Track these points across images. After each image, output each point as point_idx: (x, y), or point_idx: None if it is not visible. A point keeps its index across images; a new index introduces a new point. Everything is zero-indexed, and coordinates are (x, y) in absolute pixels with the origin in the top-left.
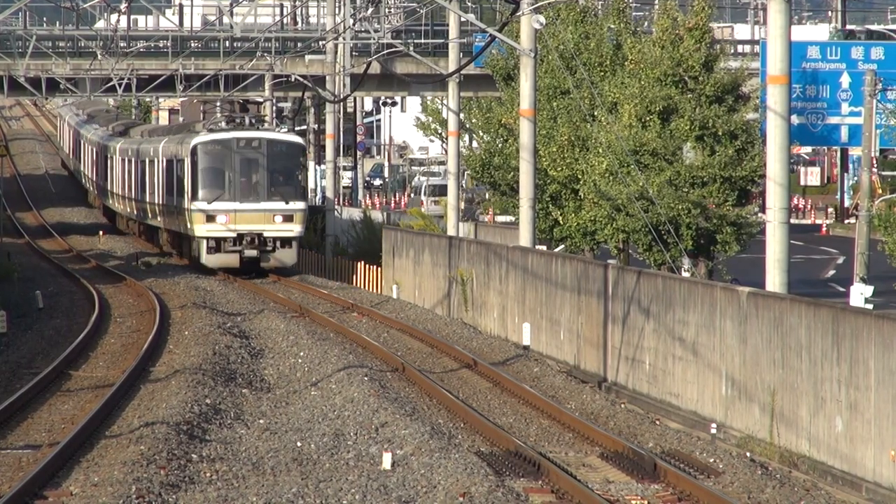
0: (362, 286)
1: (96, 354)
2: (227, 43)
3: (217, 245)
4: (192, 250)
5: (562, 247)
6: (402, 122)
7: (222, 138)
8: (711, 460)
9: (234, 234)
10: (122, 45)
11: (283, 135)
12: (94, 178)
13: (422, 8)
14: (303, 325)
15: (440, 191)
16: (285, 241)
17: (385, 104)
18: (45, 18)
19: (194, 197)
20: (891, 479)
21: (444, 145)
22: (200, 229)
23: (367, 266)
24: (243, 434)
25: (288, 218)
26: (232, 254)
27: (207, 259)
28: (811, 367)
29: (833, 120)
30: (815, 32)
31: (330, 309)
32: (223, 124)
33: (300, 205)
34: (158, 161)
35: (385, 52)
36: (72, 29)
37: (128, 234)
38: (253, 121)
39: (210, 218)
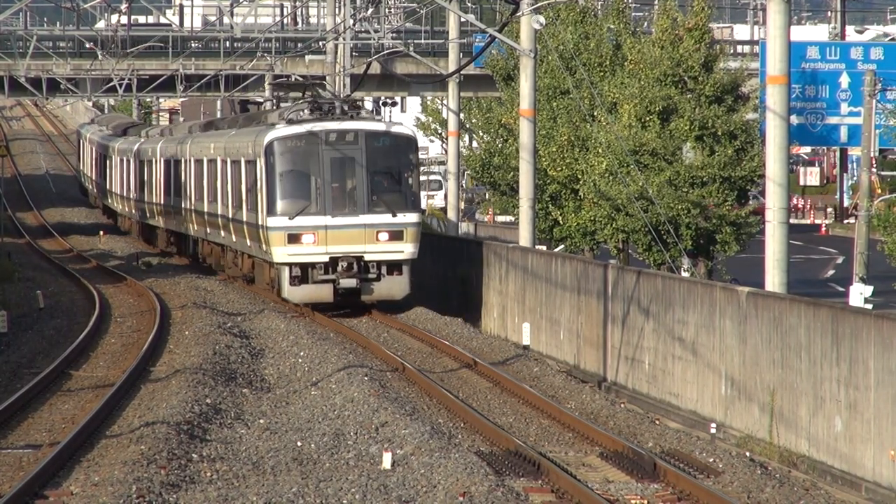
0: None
1: (97, 354)
2: (228, 43)
3: (303, 273)
4: (268, 279)
5: (561, 247)
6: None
7: (307, 132)
8: (711, 460)
9: (325, 259)
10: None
11: (388, 125)
12: (127, 192)
13: (422, 8)
14: (303, 325)
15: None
16: (393, 266)
17: (385, 104)
18: (45, 19)
19: (271, 210)
20: (890, 479)
21: (444, 145)
22: (280, 253)
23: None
24: (243, 434)
25: (396, 235)
26: (323, 284)
27: (291, 293)
28: (811, 367)
29: (832, 120)
30: (814, 32)
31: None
32: (306, 113)
33: (412, 217)
34: (222, 164)
35: (385, 52)
36: (72, 29)
37: (171, 252)
38: (346, 108)
39: (293, 238)
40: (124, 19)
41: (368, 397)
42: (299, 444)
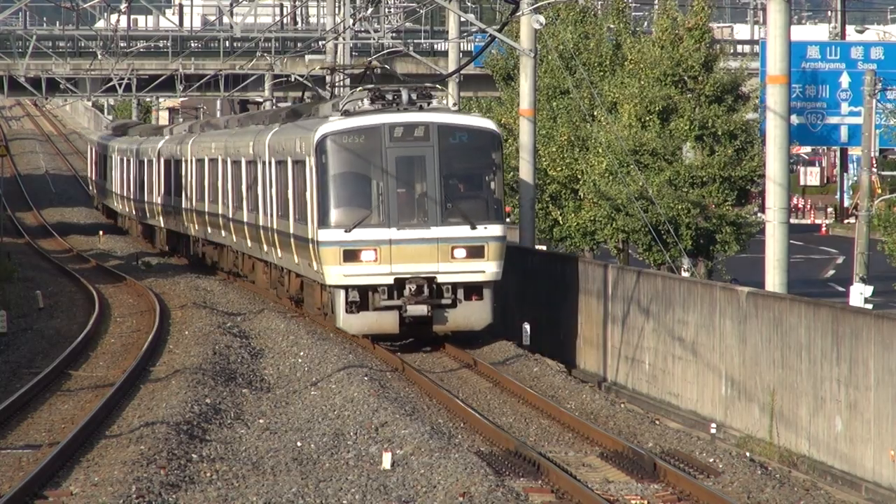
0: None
1: (96, 354)
2: (227, 43)
3: (362, 298)
4: (319, 303)
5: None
6: None
7: (367, 126)
8: (711, 460)
9: (388, 280)
10: (122, 45)
11: (465, 117)
12: (161, 199)
13: (422, 8)
14: (303, 325)
15: None
16: (472, 290)
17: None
18: (45, 18)
19: (323, 221)
20: (890, 479)
21: None
22: (334, 273)
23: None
24: (243, 434)
25: (475, 251)
26: (387, 312)
27: (347, 322)
28: (811, 367)
29: (833, 120)
30: (814, 32)
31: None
32: (365, 103)
33: (496, 229)
34: (263, 166)
35: (385, 51)
36: (72, 29)
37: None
38: (414, 97)
39: (350, 255)
40: (124, 19)
41: (368, 397)
42: (299, 444)
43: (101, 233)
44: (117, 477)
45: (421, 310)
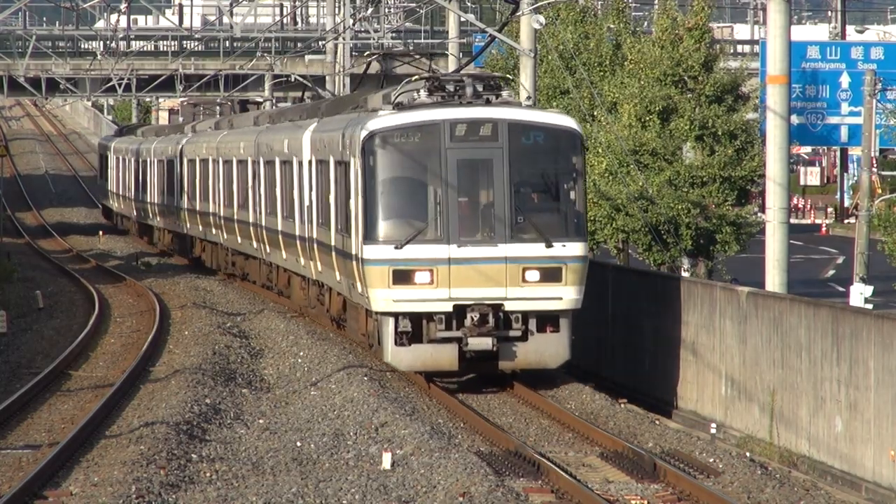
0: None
1: (96, 354)
2: (227, 43)
3: (414, 328)
4: (364, 330)
5: None
6: None
7: (424, 121)
8: (711, 460)
9: (446, 307)
10: (122, 45)
11: (541, 113)
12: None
13: (421, 8)
14: (303, 325)
15: None
16: (547, 320)
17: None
18: (44, 18)
19: (369, 234)
20: (890, 479)
21: None
22: (382, 297)
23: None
24: (243, 434)
25: (552, 274)
26: (444, 345)
27: (397, 356)
28: (811, 367)
29: (833, 120)
30: (814, 32)
31: None
32: (422, 94)
33: (576, 247)
34: (299, 167)
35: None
36: (72, 29)
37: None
38: (480, 88)
39: (401, 276)
40: (124, 19)
41: (368, 397)
42: (299, 444)
43: (100, 233)
44: (117, 477)
45: (485, 343)
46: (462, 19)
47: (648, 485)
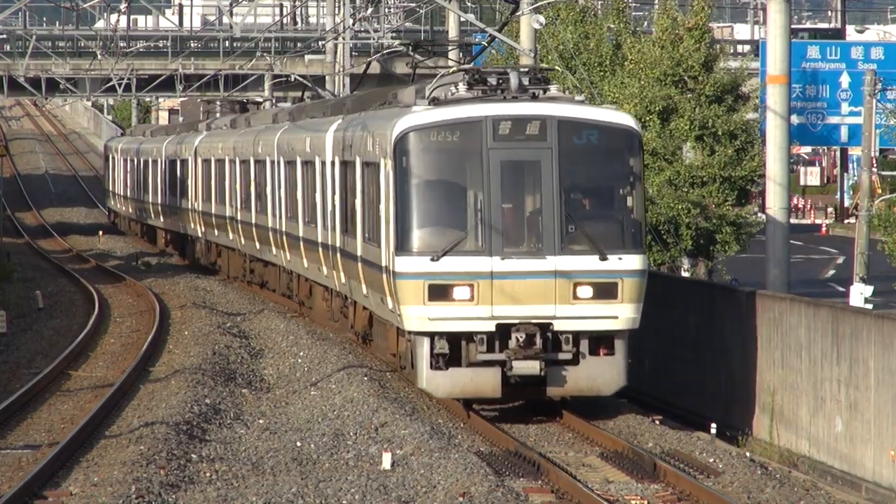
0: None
1: (96, 354)
2: (227, 43)
3: (452, 349)
4: (394, 349)
5: None
6: None
7: (462, 118)
8: (711, 460)
9: (488, 327)
10: (121, 45)
11: (595, 110)
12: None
13: (421, 8)
14: (303, 325)
15: None
16: (601, 341)
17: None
18: (44, 18)
19: (402, 244)
20: (890, 479)
21: None
22: (416, 315)
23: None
24: (243, 434)
25: (607, 290)
26: (486, 369)
27: (433, 380)
28: (811, 367)
29: (833, 120)
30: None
31: None
32: (460, 88)
33: (633, 260)
34: (322, 168)
35: (385, 51)
36: (71, 29)
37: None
38: (526, 81)
39: (438, 291)
40: (123, 19)
41: (368, 397)
42: (299, 444)
43: (100, 233)
44: (117, 477)
45: (531, 367)
46: (462, 19)
47: (648, 485)
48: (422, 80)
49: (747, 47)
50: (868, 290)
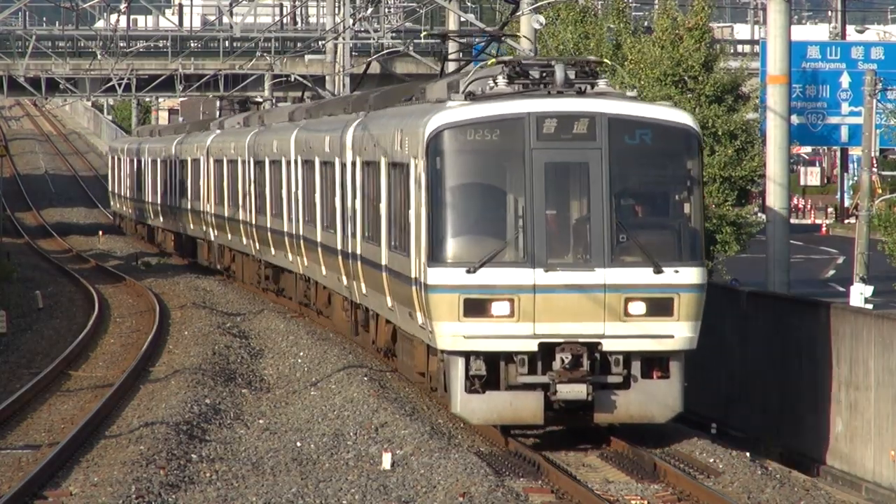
0: None
1: (96, 354)
2: (227, 43)
3: (490, 371)
4: (422, 369)
5: None
6: None
7: (502, 115)
8: (711, 460)
9: (530, 346)
10: (121, 45)
11: (648, 107)
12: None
13: (421, 8)
14: (303, 325)
15: None
16: (655, 363)
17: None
18: (44, 18)
19: (435, 253)
20: (890, 479)
21: None
22: (450, 332)
23: None
24: (243, 434)
25: (660, 306)
26: (527, 393)
27: (468, 404)
28: (811, 367)
29: (833, 120)
30: (815, 32)
31: None
32: (499, 82)
33: (691, 273)
34: (342, 169)
35: (385, 51)
36: (71, 29)
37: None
38: (572, 75)
39: (474, 306)
40: (123, 19)
41: (368, 397)
42: (299, 444)
43: (100, 233)
44: (117, 477)
45: (577, 391)
46: (462, 19)
47: (648, 485)
48: (436, 77)
49: (747, 47)
50: (868, 290)
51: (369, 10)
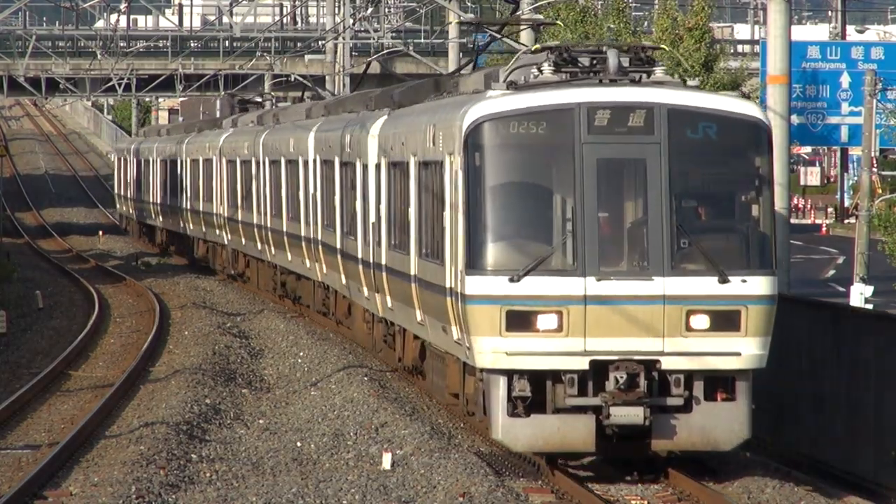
0: None
1: (96, 354)
2: (227, 43)
3: (535, 392)
4: (456, 388)
5: None
6: None
7: (550, 106)
8: (711, 460)
9: (580, 364)
10: (121, 44)
11: (712, 97)
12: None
13: (421, 8)
14: (303, 325)
15: None
16: (719, 382)
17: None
18: (44, 18)
19: (474, 260)
20: (890, 480)
21: None
22: (490, 348)
23: None
24: (243, 434)
25: (726, 319)
26: (576, 416)
27: (511, 429)
28: (811, 367)
29: (833, 120)
30: (815, 32)
31: None
32: (545, 70)
33: (760, 283)
34: (363, 170)
35: (385, 51)
36: (71, 29)
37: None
38: (626, 62)
39: (517, 319)
40: (123, 19)
41: (368, 398)
42: (299, 444)
43: (100, 233)
44: (117, 477)
45: (633, 414)
46: (462, 19)
47: (648, 485)
48: (452, 77)
49: (747, 47)
50: (868, 290)
51: (369, 10)
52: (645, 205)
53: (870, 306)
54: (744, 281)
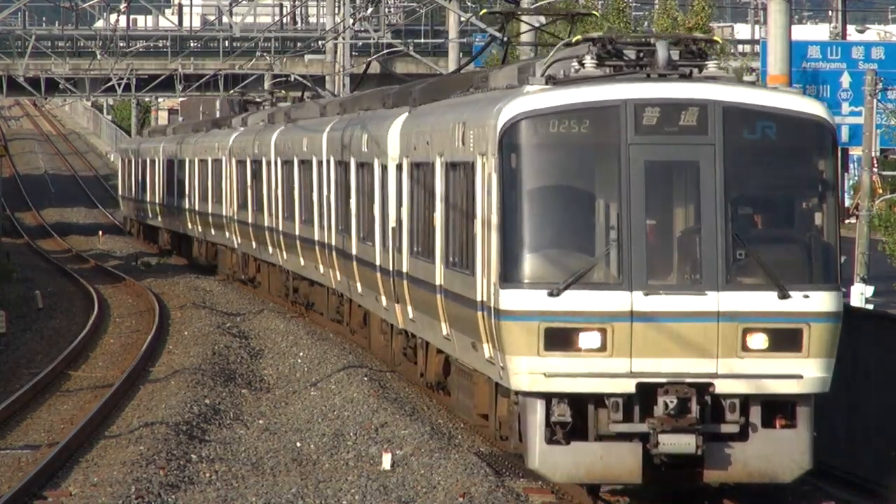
0: None
1: (96, 354)
2: (227, 43)
3: (576, 417)
4: (488, 410)
5: None
6: None
7: (593, 102)
8: None
9: (626, 387)
10: (121, 44)
11: (771, 94)
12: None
13: (422, 8)
14: (302, 325)
15: None
16: (777, 408)
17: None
18: (44, 18)
19: (509, 272)
20: (890, 480)
21: None
22: (527, 369)
23: None
24: (243, 434)
25: (786, 338)
26: (620, 445)
27: (549, 458)
28: None
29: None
30: (815, 32)
31: None
32: (587, 63)
33: (824, 299)
34: (381, 171)
35: (385, 51)
36: (71, 29)
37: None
38: (676, 56)
39: (558, 337)
40: (123, 19)
41: (368, 398)
42: (298, 444)
43: (100, 233)
44: (116, 477)
45: (684, 442)
46: (462, 19)
47: (648, 485)
48: (477, 79)
49: (747, 47)
50: (868, 290)
51: (369, 10)
52: (697, 212)
53: (870, 306)
54: (806, 296)
